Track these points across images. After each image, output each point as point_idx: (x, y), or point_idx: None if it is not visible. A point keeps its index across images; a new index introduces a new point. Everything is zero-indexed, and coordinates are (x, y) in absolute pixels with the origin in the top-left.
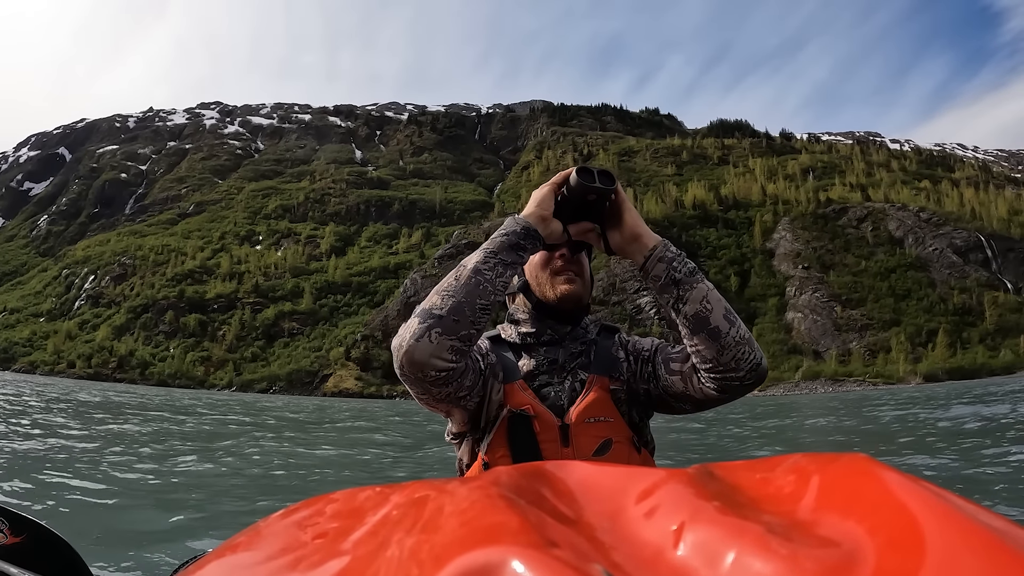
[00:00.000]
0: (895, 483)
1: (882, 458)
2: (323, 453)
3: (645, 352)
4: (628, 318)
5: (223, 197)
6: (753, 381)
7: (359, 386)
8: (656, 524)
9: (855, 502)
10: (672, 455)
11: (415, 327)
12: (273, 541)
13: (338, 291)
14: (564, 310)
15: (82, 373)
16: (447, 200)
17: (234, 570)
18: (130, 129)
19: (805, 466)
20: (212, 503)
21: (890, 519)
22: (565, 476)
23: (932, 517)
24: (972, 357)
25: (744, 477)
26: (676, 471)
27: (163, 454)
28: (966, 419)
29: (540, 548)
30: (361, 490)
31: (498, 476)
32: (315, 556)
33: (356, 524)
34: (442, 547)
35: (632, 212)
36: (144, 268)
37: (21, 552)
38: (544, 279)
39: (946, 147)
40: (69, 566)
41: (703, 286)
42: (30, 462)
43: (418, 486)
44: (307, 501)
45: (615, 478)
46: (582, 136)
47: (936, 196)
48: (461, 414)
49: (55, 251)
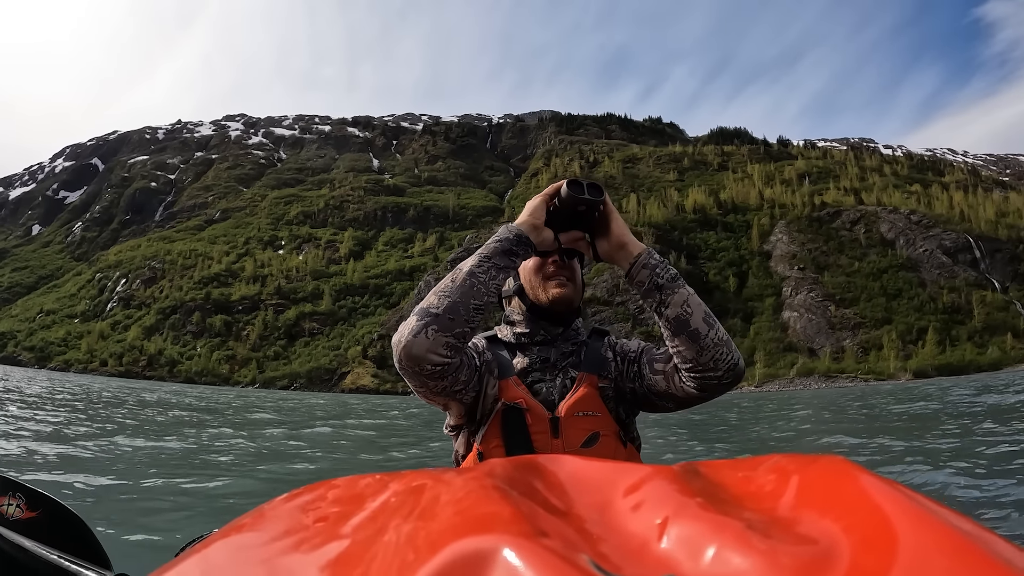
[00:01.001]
0: (871, 485)
1: (857, 445)
2: (326, 441)
3: (632, 353)
4: (631, 318)
5: (247, 204)
6: (731, 380)
7: (375, 383)
8: (642, 517)
9: (832, 502)
10: (674, 453)
11: (413, 324)
12: (277, 523)
13: (356, 293)
14: (556, 312)
15: (113, 371)
16: (460, 206)
17: (239, 550)
18: (159, 140)
19: (785, 466)
20: (219, 487)
21: (865, 519)
22: (556, 469)
23: (905, 518)
24: (961, 354)
25: (727, 475)
26: (662, 468)
27: (178, 440)
28: (951, 407)
29: (531, 537)
30: (362, 477)
31: (492, 468)
32: (316, 539)
33: (356, 509)
34: (437, 534)
35: (619, 222)
36: (173, 272)
37: (36, 526)
38: (537, 283)
39: (936, 152)
40: (81, 541)
41: (684, 291)
42: (55, 446)
43: (416, 475)
44: (310, 486)
45: (604, 472)
46: (588, 144)
47: (926, 199)
48: (458, 407)
49: (89, 256)
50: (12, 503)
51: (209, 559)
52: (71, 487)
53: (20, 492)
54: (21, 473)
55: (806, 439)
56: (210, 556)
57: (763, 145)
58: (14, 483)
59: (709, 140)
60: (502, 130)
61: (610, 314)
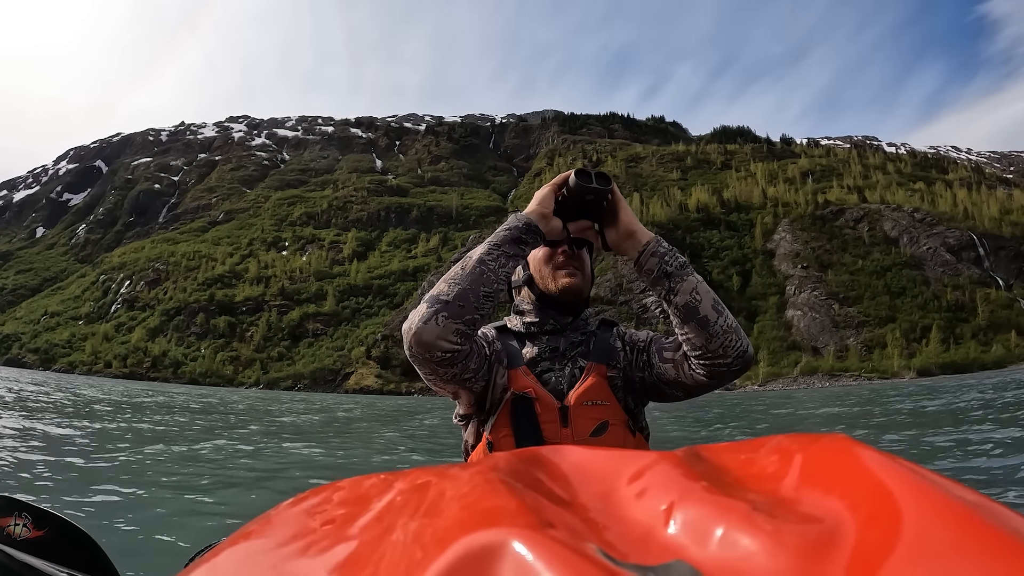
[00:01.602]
0: (873, 461)
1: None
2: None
3: (640, 343)
4: (635, 317)
5: (251, 206)
6: (740, 367)
7: (379, 383)
8: (647, 504)
9: (835, 480)
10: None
11: (423, 311)
12: (283, 528)
13: (360, 293)
14: (565, 302)
15: (118, 372)
16: (463, 206)
17: (247, 557)
18: (163, 142)
19: (787, 446)
20: (227, 493)
21: (869, 495)
22: (560, 460)
23: (908, 493)
24: (965, 352)
25: (729, 458)
26: (665, 453)
27: (184, 446)
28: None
29: (537, 529)
30: (366, 477)
31: (496, 462)
32: (324, 542)
33: (362, 510)
34: (444, 530)
35: (627, 211)
36: (177, 273)
37: (44, 545)
38: (547, 273)
39: (940, 150)
40: (90, 557)
41: (693, 278)
42: (54, 454)
43: (420, 472)
44: (315, 489)
45: (607, 461)
46: (591, 144)
47: (930, 197)
48: (468, 396)
49: (93, 258)
50: (19, 523)
51: (218, 568)
52: (78, 499)
53: (26, 511)
54: (29, 486)
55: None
56: (219, 565)
57: (766, 143)
58: (19, 503)
59: (712, 139)
60: (505, 130)
61: (614, 313)
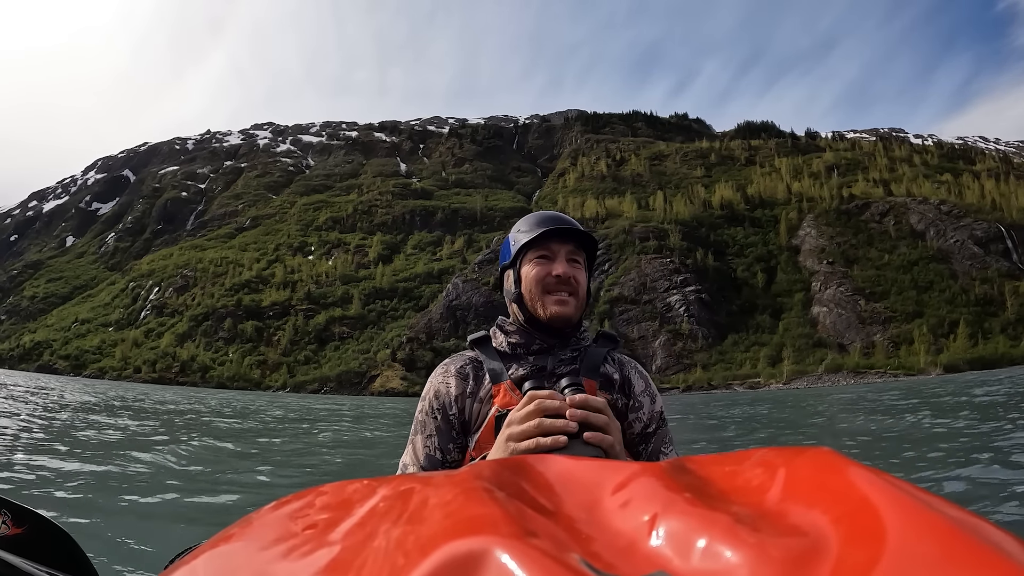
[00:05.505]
0: (857, 476)
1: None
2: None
3: (643, 416)
4: (659, 316)
5: (277, 211)
6: None
7: (404, 385)
8: (630, 515)
9: (819, 494)
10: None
11: None
12: (265, 532)
13: (385, 296)
14: (554, 328)
15: (147, 377)
16: (487, 208)
17: (228, 559)
18: (189, 151)
19: (772, 459)
20: (211, 494)
21: (852, 510)
22: (544, 469)
23: (892, 508)
24: (993, 347)
25: (714, 470)
26: (649, 464)
27: (176, 447)
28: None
29: (520, 538)
30: (350, 483)
31: (480, 470)
32: (306, 546)
33: (345, 515)
34: (427, 537)
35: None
36: (204, 279)
37: (22, 543)
38: (537, 295)
39: (967, 140)
40: (69, 557)
41: None
42: (44, 453)
43: (404, 479)
44: (298, 493)
45: (592, 471)
46: (615, 142)
47: (957, 189)
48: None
49: (122, 266)
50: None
51: (197, 571)
52: (60, 500)
53: (5, 508)
54: (25, 486)
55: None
56: (198, 568)
57: (791, 138)
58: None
59: (736, 135)
60: (528, 131)
61: (637, 312)
